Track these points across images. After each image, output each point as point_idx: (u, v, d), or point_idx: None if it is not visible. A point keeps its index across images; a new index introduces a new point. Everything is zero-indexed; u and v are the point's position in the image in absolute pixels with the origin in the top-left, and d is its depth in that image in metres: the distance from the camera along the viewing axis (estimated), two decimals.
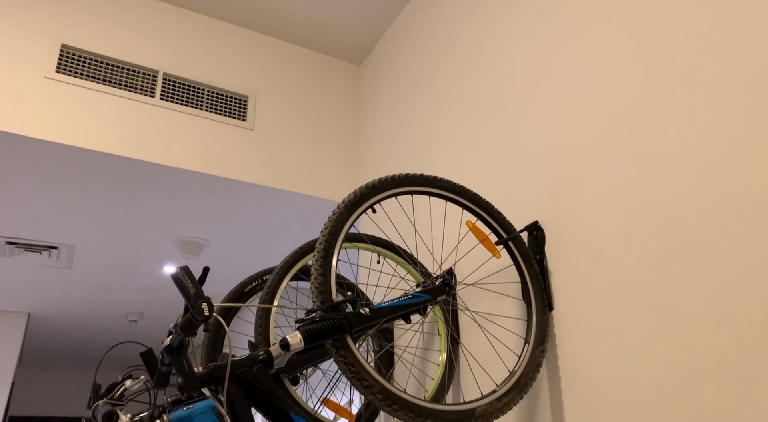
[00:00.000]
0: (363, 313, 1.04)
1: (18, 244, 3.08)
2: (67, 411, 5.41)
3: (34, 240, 3.03)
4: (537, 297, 1.25)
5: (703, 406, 0.91)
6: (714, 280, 0.94)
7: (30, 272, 3.46)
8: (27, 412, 5.28)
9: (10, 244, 3.07)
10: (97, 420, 1.02)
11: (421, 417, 1.00)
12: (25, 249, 3.14)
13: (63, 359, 5.22)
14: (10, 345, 3.92)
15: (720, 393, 0.89)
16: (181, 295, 0.88)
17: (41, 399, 5.40)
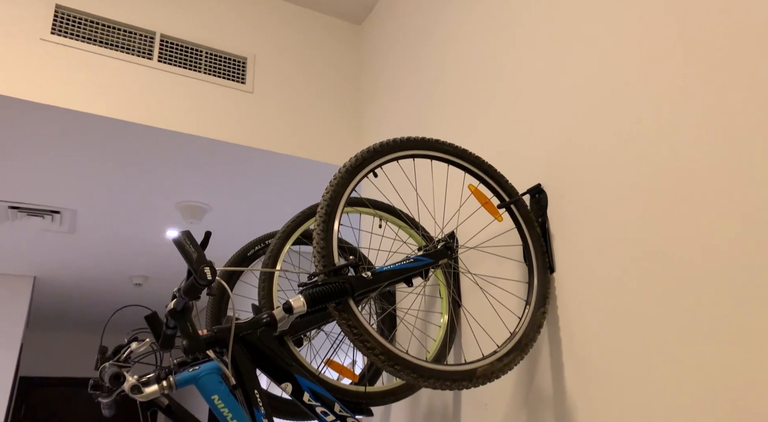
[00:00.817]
0: (365, 277, 1.05)
1: (20, 209, 3.09)
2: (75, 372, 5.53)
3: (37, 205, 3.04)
4: (538, 259, 1.26)
5: (704, 365, 0.92)
6: (717, 241, 0.94)
7: (34, 236, 3.48)
8: (36, 373, 5.39)
9: (12, 209, 3.07)
10: (105, 382, 1.04)
11: (422, 378, 1.02)
12: (27, 214, 3.15)
13: (70, 322, 5.30)
14: (18, 308, 3.98)
15: (721, 351, 0.90)
16: (184, 260, 0.88)
17: (50, 360, 5.50)
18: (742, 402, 0.86)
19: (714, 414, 0.89)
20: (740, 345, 0.87)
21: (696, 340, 0.94)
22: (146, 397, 1.06)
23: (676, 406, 0.95)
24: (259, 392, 0.95)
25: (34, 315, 5.05)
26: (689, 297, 0.96)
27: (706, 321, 0.93)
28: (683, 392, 0.94)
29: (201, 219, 3.13)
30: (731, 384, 0.88)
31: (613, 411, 1.06)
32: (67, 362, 5.55)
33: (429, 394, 1.65)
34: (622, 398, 1.05)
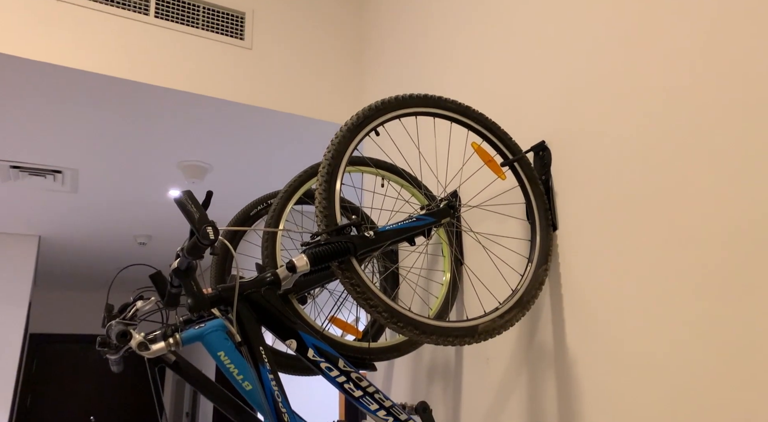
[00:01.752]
0: (368, 236, 1.05)
1: (22, 168, 3.09)
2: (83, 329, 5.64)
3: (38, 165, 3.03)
4: (541, 217, 1.26)
5: (706, 320, 0.93)
6: (721, 199, 0.93)
7: (37, 196, 3.48)
8: (45, 330, 5.50)
9: (14, 169, 3.07)
10: (112, 339, 1.06)
11: (424, 334, 1.03)
12: (29, 174, 3.15)
13: (76, 280, 5.37)
14: (24, 267, 4.02)
15: (722, 305, 0.91)
16: (186, 220, 0.88)
17: (58, 318, 5.60)
18: (741, 354, 0.87)
19: (714, 365, 0.90)
20: (741, 300, 0.88)
21: (697, 295, 0.95)
22: (153, 354, 1.08)
23: (676, 360, 0.96)
24: (264, 348, 0.97)
25: (41, 274, 5.11)
26: (692, 253, 0.97)
27: (708, 276, 0.93)
28: (684, 346, 0.95)
29: (203, 179, 3.13)
30: (731, 337, 0.89)
31: (614, 365, 1.08)
32: (75, 319, 5.65)
33: (431, 350, 1.68)
34: (622, 352, 1.06)
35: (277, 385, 0.96)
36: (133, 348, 1.06)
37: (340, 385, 0.99)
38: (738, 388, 0.86)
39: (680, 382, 0.95)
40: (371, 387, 1.00)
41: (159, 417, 1.40)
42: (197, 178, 3.08)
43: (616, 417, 1.05)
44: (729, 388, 0.88)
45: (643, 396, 1.01)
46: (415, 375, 1.75)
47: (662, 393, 0.98)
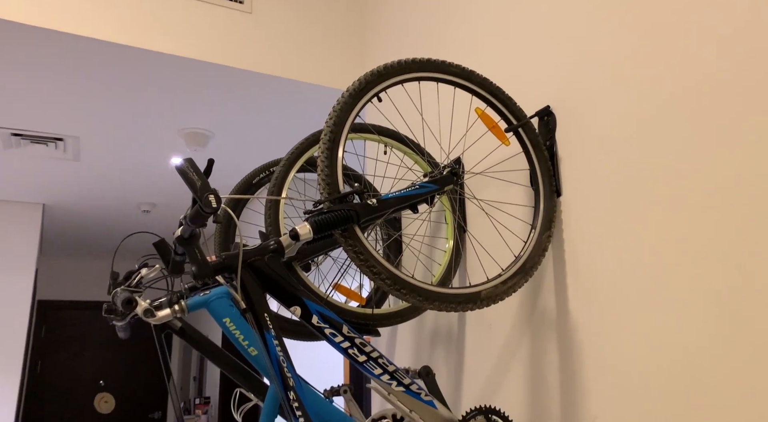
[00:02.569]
0: (370, 204, 1.05)
1: (23, 136, 3.07)
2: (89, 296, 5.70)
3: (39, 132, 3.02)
4: (545, 183, 1.25)
5: (710, 287, 0.93)
6: (728, 164, 0.92)
7: (39, 164, 3.48)
8: (53, 297, 5.57)
9: (15, 136, 3.06)
10: (118, 306, 1.07)
11: (427, 300, 1.04)
12: (30, 141, 3.14)
13: (81, 248, 5.41)
14: (30, 235, 4.05)
15: (726, 272, 0.91)
16: (188, 188, 0.88)
17: (65, 285, 5.67)
18: (744, 322, 0.87)
19: (717, 333, 0.91)
20: (745, 268, 0.88)
21: (701, 262, 0.95)
22: (159, 320, 1.09)
23: (678, 326, 0.97)
24: (268, 315, 0.98)
25: (47, 242, 5.15)
26: (697, 220, 0.96)
27: (712, 244, 0.93)
28: (687, 313, 0.96)
29: (205, 147, 3.11)
30: (735, 305, 0.89)
31: (615, 330, 1.09)
32: (82, 286, 5.71)
33: (434, 315, 1.70)
34: (624, 318, 1.07)
35: (282, 351, 0.97)
36: (138, 315, 1.08)
37: (345, 351, 1.00)
38: (740, 357, 0.87)
39: (682, 349, 0.96)
40: (375, 352, 1.02)
41: (166, 381, 1.43)
42: (199, 145, 3.07)
43: (616, 381, 1.07)
44: (731, 355, 0.88)
45: (644, 362, 1.02)
46: (418, 340, 1.77)
47: (663, 359, 0.98)
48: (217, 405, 4.64)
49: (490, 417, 1.04)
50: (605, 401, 1.09)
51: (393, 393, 1.03)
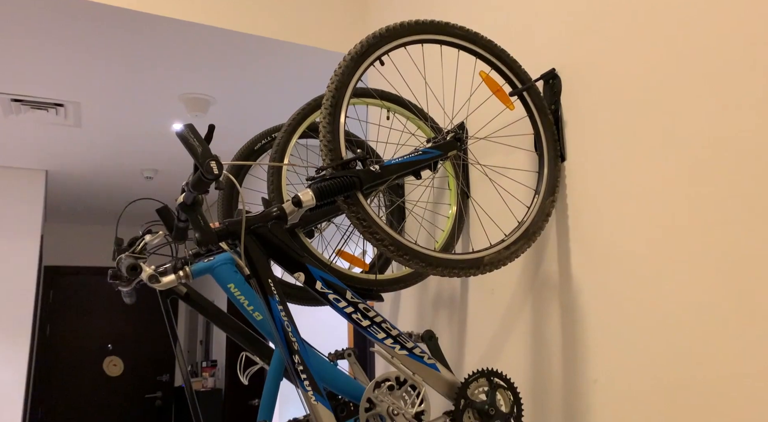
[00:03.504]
0: (373, 170, 1.04)
1: (24, 102, 3.05)
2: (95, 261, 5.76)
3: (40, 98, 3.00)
4: (550, 148, 1.24)
5: (714, 250, 0.93)
6: (733, 126, 0.91)
7: (41, 130, 3.47)
8: (59, 262, 5.62)
9: (15, 102, 3.04)
10: (122, 272, 1.07)
11: (430, 266, 1.04)
12: (31, 107, 3.12)
13: (86, 214, 5.43)
14: (34, 201, 4.06)
15: (732, 234, 0.91)
16: (189, 154, 0.87)
17: (70, 250, 5.71)
18: (746, 284, 0.87)
19: (721, 294, 0.91)
20: (749, 229, 0.88)
21: (706, 225, 0.94)
22: (164, 286, 1.10)
23: (682, 290, 0.97)
24: (272, 281, 0.98)
25: (51, 208, 5.17)
26: (701, 184, 0.95)
27: (717, 205, 0.93)
28: (690, 275, 0.96)
29: (206, 112, 3.09)
30: (740, 267, 0.89)
31: (619, 294, 1.09)
32: (88, 252, 5.76)
33: (437, 281, 1.71)
34: (628, 282, 1.07)
35: (286, 316, 0.98)
36: (144, 281, 1.08)
37: (348, 315, 1.01)
38: (744, 317, 0.87)
39: (684, 313, 0.96)
40: (378, 317, 1.02)
41: (173, 346, 1.45)
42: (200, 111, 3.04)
43: (619, 344, 1.08)
44: (735, 317, 0.89)
45: (647, 325, 1.02)
46: (421, 305, 1.78)
47: (666, 322, 0.99)
48: (224, 368, 4.73)
49: (492, 380, 1.05)
50: (606, 364, 1.10)
51: (396, 356, 1.04)
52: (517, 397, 1.06)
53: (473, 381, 1.05)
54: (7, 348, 3.77)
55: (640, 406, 1.02)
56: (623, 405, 1.05)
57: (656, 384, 0.99)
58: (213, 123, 1.76)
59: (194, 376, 5.10)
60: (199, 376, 4.99)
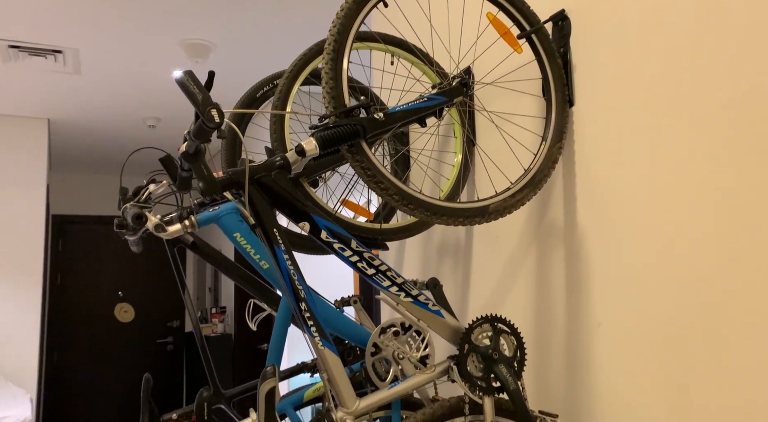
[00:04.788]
0: (377, 118, 1.02)
1: (21, 48, 3.00)
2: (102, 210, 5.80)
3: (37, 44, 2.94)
4: (558, 93, 1.21)
5: (721, 198, 0.92)
6: (745, 76, 0.88)
7: (41, 78, 3.42)
8: (66, 211, 5.66)
9: (12, 48, 2.98)
10: (128, 221, 1.08)
11: (435, 215, 1.04)
12: (29, 54, 3.06)
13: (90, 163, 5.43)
14: (37, 150, 4.05)
15: (740, 180, 0.90)
16: (190, 102, 0.86)
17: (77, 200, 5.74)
18: (753, 234, 0.87)
19: (726, 243, 0.91)
20: (757, 179, 0.86)
21: (714, 174, 0.93)
22: (170, 235, 1.10)
23: (686, 237, 0.97)
24: (278, 230, 0.99)
25: (55, 157, 5.17)
26: (711, 131, 0.93)
27: (726, 155, 0.91)
28: (696, 224, 0.96)
29: (206, 59, 3.03)
30: (744, 216, 0.88)
31: (624, 240, 1.09)
32: (95, 201, 5.80)
33: (442, 229, 1.71)
34: (633, 228, 1.07)
35: (292, 264, 0.98)
36: (150, 230, 1.09)
37: (354, 264, 1.02)
38: (745, 262, 0.87)
39: (690, 260, 0.96)
40: (383, 265, 1.03)
41: (182, 293, 1.47)
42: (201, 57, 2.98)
43: (621, 290, 1.09)
44: (738, 264, 0.89)
45: (650, 272, 1.03)
46: (426, 253, 1.80)
47: (669, 269, 0.99)
48: (233, 315, 4.84)
49: (496, 326, 1.07)
50: (610, 308, 1.11)
51: (401, 303, 1.05)
52: (521, 342, 1.08)
53: (477, 327, 1.06)
54: (21, 296, 3.85)
55: (644, 349, 1.04)
56: (626, 348, 1.07)
57: (660, 328, 1.01)
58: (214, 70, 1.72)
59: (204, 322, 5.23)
60: (208, 322, 5.11)
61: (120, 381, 5.56)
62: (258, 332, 4.48)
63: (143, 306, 5.81)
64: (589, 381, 1.15)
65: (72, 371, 5.43)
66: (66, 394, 5.37)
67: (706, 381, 0.92)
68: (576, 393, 1.19)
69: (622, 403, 1.07)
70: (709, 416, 0.91)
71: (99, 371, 5.53)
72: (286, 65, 3.17)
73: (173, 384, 5.83)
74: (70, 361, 5.44)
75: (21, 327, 3.82)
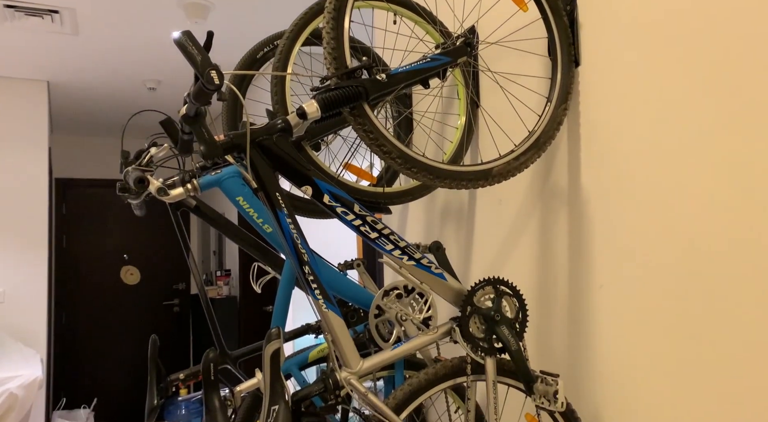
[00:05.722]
0: (380, 79, 1.00)
1: (17, 8, 2.95)
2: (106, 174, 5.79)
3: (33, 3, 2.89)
4: (564, 52, 1.19)
5: (731, 163, 0.91)
6: (756, 36, 0.86)
7: (38, 39, 3.37)
8: (69, 175, 5.66)
9: (8, 8, 2.93)
10: (130, 185, 1.07)
11: (438, 179, 1.03)
12: (25, 14, 3.01)
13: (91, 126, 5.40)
14: (38, 113, 4.03)
15: (745, 146, 0.88)
16: (189, 63, 0.84)
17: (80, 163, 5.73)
18: (757, 198, 0.86)
19: (729, 206, 0.91)
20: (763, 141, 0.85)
21: (721, 135, 0.92)
22: (172, 199, 1.10)
23: (691, 199, 0.96)
24: (280, 194, 0.98)
25: (56, 120, 5.14)
26: (718, 93, 0.92)
27: (737, 116, 0.90)
28: (702, 186, 0.95)
29: (206, 19, 2.97)
30: (754, 173, 0.87)
31: (627, 203, 1.09)
32: (97, 164, 5.78)
33: (445, 192, 1.71)
34: (638, 191, 1.06)
35: (295, 228, 0.98)
36: (152, 194, 1.09)
37: (357, 228, 1.02)
38: (750, 229, 0.87)
39: (693, 221, 0.96)
40: (386, 229, 1.03)
41: (186, 257, 1.48)
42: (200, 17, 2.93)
43: (624, 252, 1.09)
44: (742, 227, 0.88)
45: (653, 234, 1.03)
46: (429, 217, 1.80)
47: (673, 232, 0.99)
48: (238, 277, 4.88)
49: (499, 288, 1.08)
50: (612, 270, 1.11)
51: (404, 266, 1.06)
52: (523, 304, 1.09)
53: (479, 289, 1.07)
54: (27, 259, 3.89)
55: (646, 310, 1.04)
56: (628, 309, 1.08)
57: (661, 288, 1.01)
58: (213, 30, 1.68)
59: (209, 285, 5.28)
60: (214, 285, 5.16)
61: (128, 342, 5.66)
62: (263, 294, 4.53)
63: (149, 268, 5.87)
64: (590, 341, 1.17)
65: (80, 332, 5.53)
66: (75, 354, 5.48)
67: (705, 337, 0.93)
68: (577, 353, 1.20)
69: (622, 361, 1.09)
70: (709, 371, 0.93)
71: (107, 332, 5.62)
72: (286, 25, 3.11)
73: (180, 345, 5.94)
74: (79, 323, 5.54)
75: (29, 290, 3.87)
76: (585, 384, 1.18)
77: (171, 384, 1.32)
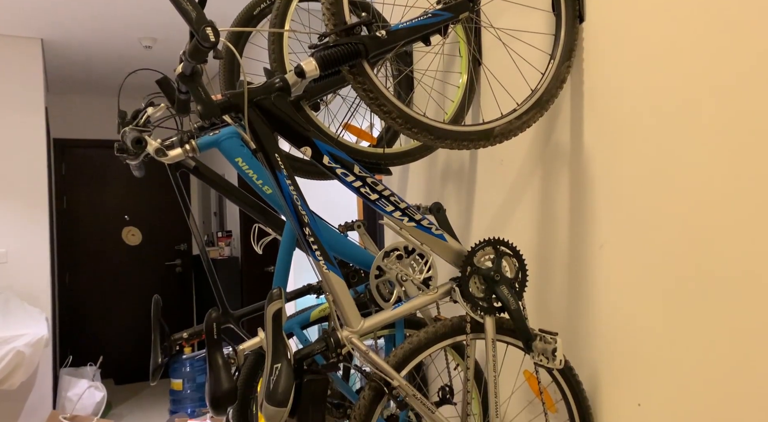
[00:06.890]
0: (379, 36, 0.98)
1: None
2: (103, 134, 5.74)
3: None
4: (568, 8, 1.16)
5: (736, 125, 0.90)
6: None
7: None
8: (67, 135, 5.61)
9: None
10: (128, 145, 1.06)
11: (439, 139, 1.02)
12: None
13: (87, 86, 5.32)
14: (32, 72, 3.96)
15: (756, 110, 0.87)
16: (183, 20, 0.82)
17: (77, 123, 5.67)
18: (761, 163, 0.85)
19: (734, 171, 0.90)
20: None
21: (725, 96, 0.90)
22: (171, 160, 1.09)
23: (696, 161, 0.96)
24: (279, 155, 0.97)
25: (52, 80, 5.06)
26: (724, 56, 0.89)
27: (744, 77, 0.88)
28: (705, 149, 0.94)
29: None
30: (753, 140, 0.86)
31: (630, 163, 1.08)
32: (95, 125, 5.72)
33: (445, 153, 1.69)
34: (641, 148, 1.05)
35: (295, 190, 0.98)
36: (151, 154, 1.08)
37: (357, 189, 1.01)
38: (751, 190, 0.86)
39: (695, 182, 0.95)
40: (387, 190, 1.02)
41: (186, 217, 1.48)
42: None
43: (626, 212, 1.08)
44: (742, 188, 0.88)
45: (656, 193, 1.02)
46: (430, 178, 1.79)
47: (674, 192, 0.99)
48: (239, 238, 4.91)
49: (499, 248, 1.08)
50: (613, 230, 1.11)
51: (404, 228, 1.06)
52: (522, 264, 1.09)
53: (479, 250, 1.07)
54: (28, 220, 3.90)
55: (646, 270, 1.05)
56: (628, 269, 1.08)
57: (663, 249, 1.01)
58: None
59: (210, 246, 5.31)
60: (215, 246, 5.19)
61: (131, 303, 5.73)
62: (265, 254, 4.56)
63: (150, 229, 5.89)
64: (589, 299, 1.18)
65: (84, 292, 5.59)
66: (79, 315, 5.56)
67: (705, 296, 0.94)
68: (576, 311, 1.22)
69: (621, 319, 1.10)
70: (708, 329, 0.94)
71: (110, 292, 5.68)
72: None
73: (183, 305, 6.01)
74: (82, 283, 5.59)
75: (31, 250, 3.89)
76: (583, 343, 1.19)
77: (174, 342, 1.34)
